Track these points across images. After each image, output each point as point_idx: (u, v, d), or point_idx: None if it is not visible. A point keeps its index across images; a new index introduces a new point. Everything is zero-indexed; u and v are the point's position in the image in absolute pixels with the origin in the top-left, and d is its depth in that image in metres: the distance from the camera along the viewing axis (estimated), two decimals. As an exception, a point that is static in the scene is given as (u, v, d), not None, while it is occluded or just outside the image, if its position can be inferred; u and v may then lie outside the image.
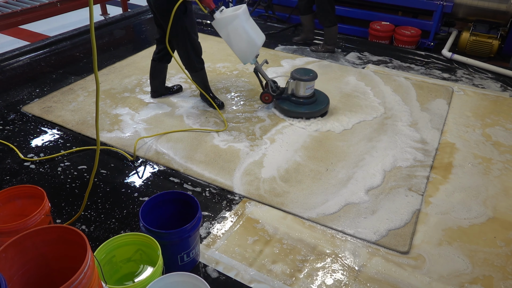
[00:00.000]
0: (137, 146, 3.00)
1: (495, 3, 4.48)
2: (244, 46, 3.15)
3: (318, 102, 3.40)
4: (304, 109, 3.33)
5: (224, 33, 3.12)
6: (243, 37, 3.09)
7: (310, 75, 3.28)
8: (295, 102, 3.36)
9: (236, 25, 3.05)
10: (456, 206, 2.53)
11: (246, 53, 3.19)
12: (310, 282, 2.04)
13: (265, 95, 3.43)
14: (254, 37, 3.15)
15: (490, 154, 3.00)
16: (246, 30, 3.08)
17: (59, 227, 1.53)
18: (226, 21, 3.06)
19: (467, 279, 2.07)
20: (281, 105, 3.38)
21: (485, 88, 3.91)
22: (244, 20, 3.08)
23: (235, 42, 3.14)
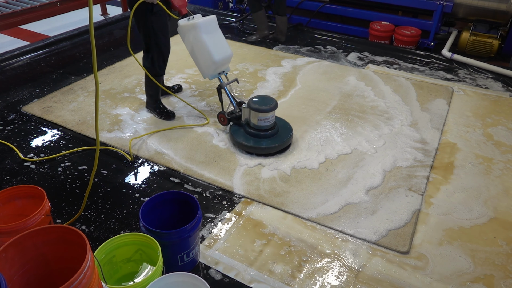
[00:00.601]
0: (137, 146, 3.00)
1: (495, 3, 4.48)
2: (200, 59, 2.92)
3: (279, 135, 2.94)
4: (252, 143, 2.88)
5: (185, 40, 2.94)
6: (199, 47, 2.87)
7: (269, 104, 2.83)
8: (248, 133, 2.93)
9: (195, 34, 2.84)
10: (457, 206, 2.53)
11: (203, 67, 2.95)
12: (310, 282, 2.04)
13: (220, 115, 3.11)
14: (212, 50, 2.85)
15: (492, 154, 3.00)
16: (203, 42, 2.83)
17: (59, 227, 1.53)
18: (186, 29, 2.88)
19: (469, 278, 2.08)
20: (234, 136, 2.95)
21: (485, 88, 3.91)
22: (204, 31, 2.85)
23: (192, 52, 2.94)
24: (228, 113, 3.06)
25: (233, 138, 2.94)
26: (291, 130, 3.01)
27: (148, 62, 3.10)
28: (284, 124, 3.07)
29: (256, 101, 2.86)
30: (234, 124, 3.05)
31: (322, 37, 5.03)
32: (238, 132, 2.96)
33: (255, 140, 2.89)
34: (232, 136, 2.95)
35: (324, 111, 3.49)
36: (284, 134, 2.95)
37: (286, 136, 2.93)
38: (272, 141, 2.89)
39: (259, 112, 2.83)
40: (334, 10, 5.32)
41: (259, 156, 2.88)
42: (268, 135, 2.91)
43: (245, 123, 2.97)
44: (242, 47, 4.71)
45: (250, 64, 4.28)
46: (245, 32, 5.16)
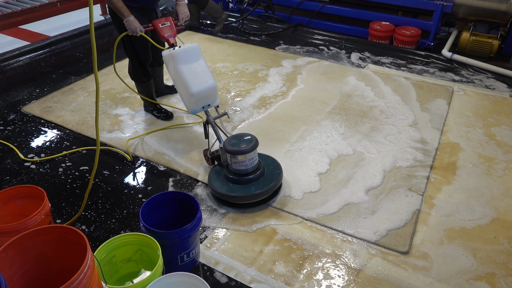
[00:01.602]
0: (137, 147, 3.01)
1: (495, 3, 4.47)
2: (181, 91, 2.69)
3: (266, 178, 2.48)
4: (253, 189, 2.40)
5: (169, 71, 2.74)
6: (177, 81, 2.67)
7: (248, 143, 2.38)
8: (228, 179, 2.49)
9: (173, 66, 2.63)
10: (459, 207, 2.52)
11: (184, 99, 2.71)
12: (310, 282, 2.04)
13: (204, 153, 2.75)
14: (190, 82, 2.58)
15: (494, 153, 2.99)
16: (180, 72, 2.59)
17: (59, 227, 1.53)
18: (166, 59, 2.69)
19: (472, 276, 2.08)
20: (212, 184, 2.48)
21: (485, 88, 3.91)
22: (182, 61, 2.60)
23: (176, 84, 2.73)
24: (212, 152, 2.68)
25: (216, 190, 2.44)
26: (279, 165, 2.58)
27: (132, 69, 3.14)
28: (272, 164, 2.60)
29: (234, 143, 2.40)
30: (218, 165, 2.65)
31: (322, 37, 5.03)
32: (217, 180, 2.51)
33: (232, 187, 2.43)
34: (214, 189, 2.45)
35: (324, 111, 3.49)
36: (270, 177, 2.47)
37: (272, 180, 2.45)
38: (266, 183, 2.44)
39: (237, 156, 2.37)
40: (334, 10, 5.31)
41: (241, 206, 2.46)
42: (250, 180, 2.43)
43: (225, 165, 2.56)
44: (242, 47, 4.71)
45: (250, 64, 4.28)
46: (245, 32, 5.16)
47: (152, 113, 3.36)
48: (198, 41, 4.82)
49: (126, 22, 2.72)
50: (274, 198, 2.54)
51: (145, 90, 3.25)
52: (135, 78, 3.19)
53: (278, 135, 3.17)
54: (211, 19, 5.45)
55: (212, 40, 4.89)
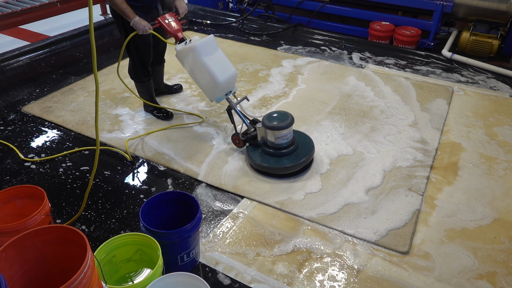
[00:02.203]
0: (137, 147, 3.01)
1: (495, 3, 4.47)
2: (203, 83, 2.80)
3: (300, 152, 2.74)
4: (287, 163, 2.67)
5: (184, 65, 2.84)
6: (201, 70, 2.75)
7: (284, 121, 2.63)
8: (266, 153, 2.73)
9: (192, 59, 2.73)
10: (460, 207, 2.52)
11: (207, 90, 2.83)
12: (310, 282, 2.04)
13: (235, 137, 2.89)
14: (214, 71, 2.71)
15: (495, 153, 2.99)
16: (204, 64, 2.70)
17: (59, 227, 1.53)
18: (183, 54, 2.77)
19: (473, 275, 2.09)
20: (249, 153, 2.77)
21: (485, 88, 3.91)
22: (203, 53, 2.70)
23: (194, 76, 2.83)
24: (243, 134, 2.86)
25: (251, 160, 2.73)
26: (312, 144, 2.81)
27: (132, 69, 3.14)
28: (304, 138, 2.87)
29: (273, 119, 2.65)
30: (250, 145, 2.85)
31: (322, 37, 5.03)
32: (256, 154, 2.76)
33: (275, 160, 2.69)
34: (250, 158, 2.74)
35: (324, 111, 3.49)
36: (305, 150, 2.75)
37: (308, 152, 2.74)
38: (294, 159, 2.68)
39: (277, 131, 2.62)
40: (334, 10, 5.32)
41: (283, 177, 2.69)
42: (288, 152, 2.70)
43: (262, 143, 2.78)
44: (242, 47, 4.71)
45: (250, 64, 4.28)
46: (245, 32, 5.16)
47: (152, 113, 3.36)
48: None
49: (133, 23, 2.73)
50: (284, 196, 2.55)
51: (145, 89, 3.26)
52: (135, 77, 3.19)
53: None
54: (211, 19, 5.45)
55: (212, 40, 4.88)
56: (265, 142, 2.74)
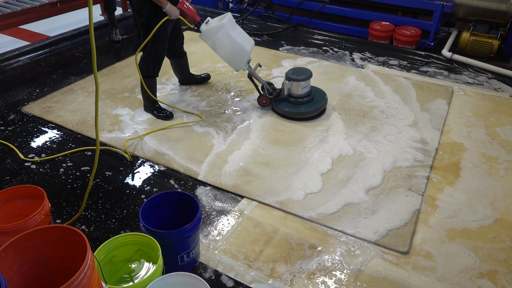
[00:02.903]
0: (137, 147, 3.01)
1: (495, 3, 4.47)
2: (233, 55, 3.16)
3: (316, 101, 3.40)
4: (303, 109, 3.32)
5: (211, 44, 3.14)
6: (231, 45, 3.11)
7: (305, 74, 3.28)
8: (292, 103, 3.35)
9: (222, 35, 3.07)
10: (460, 207, 2.52)
11: (236, 60, 3.21)
12: (310, 282, 2.04)
13: (262, 98, 3.43)
14: (243, 44, 3.15)
15: (496, 153, 2.99)
16: (233, 38, 3.09)
17: (59, 227, 1.53)
18: (212, 32, 3.08)
19: (474, 274, 2.09)
20: (278, 106, 3.38)
21: (485, 88, 3.91)
22: (230, 28, 3.08)
23: (223, 52, 3.15)
24: (269, 94, 3.40)
25: (286, 111, 3.35)
26: (325, 94, 3.47)
27: (145, 64, 3.17)
28: (316, 90, 3.51)
29: (296, 73, 3.30)
30: (275, 101, 3.42)
31: (322, 37, 5.03)
32: (283, 105, 3.37)
33: (304, 106, 3.34)
34: (286, 110, 3.35)
35: (323, 111, 3.48)
36: (321, 98, 3.43)
37: (323, 99, 3.41)
38: (314, 104, 3.36)
39: (302, 82, 3.25)
40: (334, 10, 5.32)
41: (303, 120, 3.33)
42: (309, 100, 3.36)
43: (287, 96, 3.36)
44: (242, 47, 4.70)
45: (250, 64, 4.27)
46: (246, 32, 5.15)
47: (152, 113, 3.37)
48: (198, 41, 4.82)
49: (166, 10, 2.90)
50: (280, 196, 2.55)
51: (150, 86, 3.28)
52: (147, 73, 3.21)
53: (278, 135, 3.17)
54: None
55: (212, 40, 4.88)
56: (290, 95, 3.36)
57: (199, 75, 3.86)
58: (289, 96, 3.36)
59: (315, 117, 3.37)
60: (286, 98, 3.38)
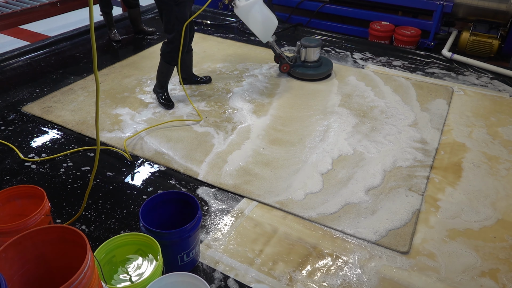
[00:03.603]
0: (137, 146, 3.01)
1: (495, 3, 4.47)
2: (264, 26, 3.62)
3: (324, 65, 4.02)
4: (313, 71, 3.93)
5: (246, 18, 3.55)
6: (262, 18, 3.57)
7: (317, 42, 3.92)
8: (306, 67, 3.96)
9: (257, 9, 3.51)
10: (460, 207, 2.52)
11: (267, 31, 3.67)
12: (310, 282, 2.04)
13: (283, 65, 3.96)
14: (272, 17, 3.65)
15: (497, 153, 2.98)
16: (265, 13, 3.57)
17: (59, 227, 1.53)
18: (248, 7, 3.50)
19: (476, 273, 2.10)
20: (296, 70, 3.97)
21: (485, 88, 3.91)
22: (262, 4, 3.55)
23: (257, 24, 3.59)
24: (290, 60, 3.98)
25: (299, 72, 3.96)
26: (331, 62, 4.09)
27: (167, 49, 3.29)
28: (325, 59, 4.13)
29: (309, 41, 3.92)
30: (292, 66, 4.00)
31: (322, 37, 5.03)
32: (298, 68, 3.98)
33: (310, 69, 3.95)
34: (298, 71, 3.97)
35: (323, 111, 3.49)
36: (328, 64, 4.06)
37: (330, 65, 4.05)
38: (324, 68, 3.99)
39: (316, 48, 3.89)
40: (334, 10, 5.31)
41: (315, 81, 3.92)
42: (318, 64, 3.99)
43: (303, 62, 3.98)
44: (242, 47, 4.71)
45: (250, 65, 4.28)
46: (245, 32, 5.16)
47: (158, 96, 3.50)
48: (198, 41, 4.82)
49: None
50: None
51: (167, 72, 3.41)
52: (170, 59, 3.32)
53: (279, 135, 3.17)
54: (211, 19, 5.45)
55: (212, 40, 4.89)
56: (305, 61, 3.97)
57: (200, 77, 3.87)
58: (304, 61, 3.97)
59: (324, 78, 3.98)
60: (302, 63, 3.97)
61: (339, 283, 2.05)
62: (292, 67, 3.98)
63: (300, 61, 4.00)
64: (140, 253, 1.93)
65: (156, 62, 3.48)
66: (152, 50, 4.55)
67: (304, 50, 3.92)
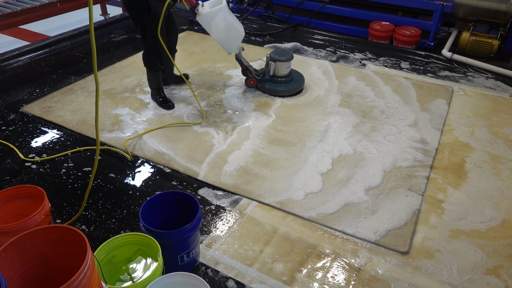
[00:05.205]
0: (137, 147, 3.01)
1: (495, 3, 4.47)
2: (228, 37, 3.30)
3: (295, 81, 3.75)
4: (283, 87, 3.67)
5: (209, 26, 3.22)
6: (227, 28, 3.24)
7: (288, 55, 3.63)
8: (276, 82, 3.69)
9: (221, 18, 3.19)
10: (461, 207, 2.52)
11: (232, 43, 3.37)
12: (310, 282, 2.04)
13: (250, 79, 3.69)
14: (238, 27, 3.33)
15: (498, 153, 2.99)
16: (230, 21, 3.25)
17: (59, 227, 1.53)
18: (211, 15, 3.16)
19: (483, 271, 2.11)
20: (264, 85, 3.70)
21: (485, 88, 3.91)
22: (227, 12, 3.24)
23: (219, 34, 3.26)
24: (256, 75, 3.68)
25: (268, 88, 3.70)
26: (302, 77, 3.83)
27: (145, 55, 3.27)
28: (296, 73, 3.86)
29: (279, 54, 3.64)
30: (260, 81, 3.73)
31: (322, 37, 5.03)
32: (267, 83, 3.71)
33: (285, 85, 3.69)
34: (267, 87, 3.70)
35: (323, 111, 3.49)
36: (299, 79, 3.80)
37: (301, 80, 3.79)
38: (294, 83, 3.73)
39: (286, 62, 3.61)
40: (334, 10, 5.32)
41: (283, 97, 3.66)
42: (289, 79, 3.73)
43: (271, 76, 3.72)
44: (242, 47, 4.70)
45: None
46: (246, 32, 5.14)
47: (157, 101, 3.49)
48: (198, 41, 4.82)
49: None
50: (279, 196, 2.55)
51: (155, 79, 3.40)
52: (150, 66, 3.30)
53: (279, 135, 3.17)
54: None
55: (212, 40, 4.88)
56: (274, 75, 3.71)
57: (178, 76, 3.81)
58: (273, 76, 3.70)
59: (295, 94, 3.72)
60: (271, 78, 3.71)
61: (338, 283, 2.04)
62: (260, 82, 3.71)
63: (268, 76, 3.73)
64: (140, 253, 1.93)
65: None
66: (152, 50, 4.54)
67: (273, 64, 3.64)
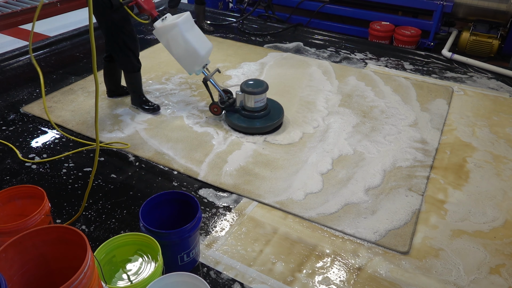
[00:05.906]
0: (137, 147, 3.01)
1: (495, 3, 4.48)
2: (185, 56, 3.01)
3: (271, 116, 3.15)
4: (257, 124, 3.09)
5: (164, 42, 3.00)
6: (183, 46, 2.95)
7: (260, 87, 3.04)
8: (244, 116, 3.13)
9: (175, 34, 2.91)
10: (461, 207, 2.52)
11: (188, 63, 3.05)
12: (310, 282, 2.04)
13: (213, 106, 3.23)
14: (196, 46, 2.97)
15: (499, 152, 2.99)
16: (186, 39, 2.92)
17: (59, 227, 1.53)
18: (165, 30, 2.93)
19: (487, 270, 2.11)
20: (229, 118, 3.17)
21: (485, 88, 3.91)
22: (184, 29, 2.92)
23: (175, 52, 3.01)
24: (221, 102, 3.19)
25: (231, 122, 3.14)
26: (282, 110, 3.24)
27: (122, 59, 3.14)
28: (275, 105, 3.29)
29: (250, 85, 3.07)
30: (227, 111, 3.21)
31: (322, 37, 5.03)
32: (233, 116, 3.17)
33: (251, 121, 3.11)
34: (230, 121, 3.15)
35: (323, 111, 3.49)
36: (276, 114, 3.19)
37: (278, 116, 3.17)
38: (268, 120, 3.13)
39: (255, 95, 3.03)
40: (334, 10, 5.32)
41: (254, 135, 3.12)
42: (263, 115, 3.13)
43: (240, 107, 3.15)
44: (242, 47, 4.71)
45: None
46: (245, 32, 5.16)
47: (141, 106, 3.38)
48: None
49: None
50: (278, 197, 2.55)
51: (136, 80, 3.27)
52: (130, 68, 3.18)
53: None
54: (211, 19, 5.45)
55: (212, 40, 4.88)
56: (242, 107, 3.14)
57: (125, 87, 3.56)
58: (242, 108, 3.15)
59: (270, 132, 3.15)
60: (239, 110, 3.16)
61: (338, 283, 2.04)
62: (226, 111, 3.20)
63: (237, 106, 3.17)
64: (140, 253, 1.93)
65: (157, 61, 3.48)
66: (152, 50, 4.54)
67: (241, 96, 3.11)
